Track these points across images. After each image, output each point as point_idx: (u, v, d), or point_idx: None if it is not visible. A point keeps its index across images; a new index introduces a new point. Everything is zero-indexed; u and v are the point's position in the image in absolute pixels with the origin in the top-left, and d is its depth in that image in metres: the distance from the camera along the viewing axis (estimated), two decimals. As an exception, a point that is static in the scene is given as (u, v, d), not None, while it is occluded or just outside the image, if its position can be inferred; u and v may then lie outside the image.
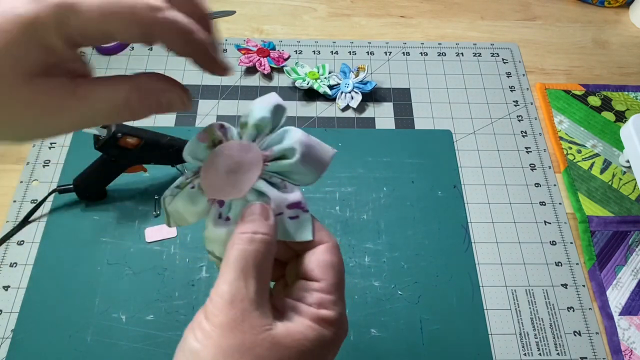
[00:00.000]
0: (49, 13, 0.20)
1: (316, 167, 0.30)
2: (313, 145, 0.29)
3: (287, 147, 0.28)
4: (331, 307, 0.25)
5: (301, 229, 0.28)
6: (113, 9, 0.21)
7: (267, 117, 0.30)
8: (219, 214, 0.28)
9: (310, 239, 0.27)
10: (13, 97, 0.21)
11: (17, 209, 0.57)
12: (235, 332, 0.22)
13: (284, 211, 0.28)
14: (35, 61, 0.21)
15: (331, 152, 0.30)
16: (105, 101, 0.23)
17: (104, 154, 0.52)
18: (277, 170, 0.28)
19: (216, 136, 0.30)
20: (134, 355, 0.48)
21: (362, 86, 0.66)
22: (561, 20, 0.79)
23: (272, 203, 0.27)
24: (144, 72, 0.25)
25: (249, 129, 0.29)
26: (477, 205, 0.59)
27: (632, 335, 0.52)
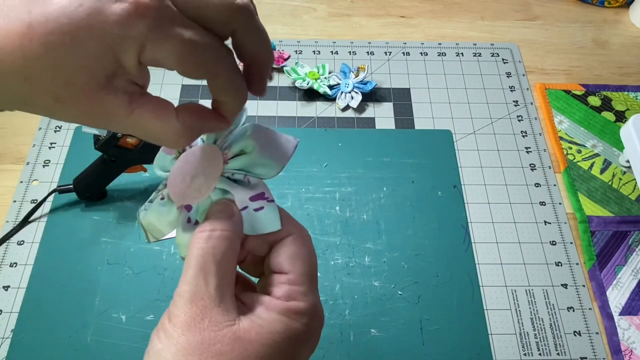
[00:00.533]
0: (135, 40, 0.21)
1: (276, 159, 0.29)
2: (270, 138, 0.29)
3: (244, 143, 0.28)
4: (301, 298, 0.25)
5: (268, 220, 0.28)
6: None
7: None
8: (187, 219, 0.28)
9: (279, 228, 0.27)
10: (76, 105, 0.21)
11: (17, 209, 0.57)
12: (196, 330, 0.22)
13: (248, 204, 0.28)
14: (106, 73, 0.21)
15: (293, 142, 0.30)
16: (153, 132, 0.24)
17: (104, 154, 0.52)
18: (238, 167, 0.28)
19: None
20: (134, 355, 0.48)
21: (362, 86, 0.66)
22: (561, 20, 0.79)
23: (234, 198, 0.27)
24: (192, 105, 0.26)
25: (210, 135, 0.30)
26: (477, 205, 0.59)
27: (632, 335, 0.52)
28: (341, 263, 0.55)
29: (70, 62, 0.20)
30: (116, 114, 0.22)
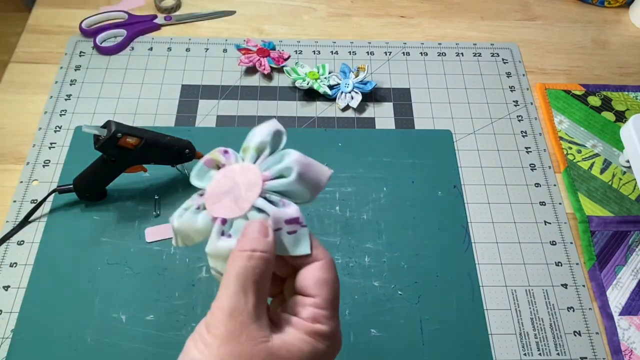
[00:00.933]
0: None
1: (312, 186, 0.31)
2: (310, 165, 0.31)
3: (284, 167, 0.30)
4: (325, 322, 0.26)
5: (299, 244, 0.29)
6: None
7: (267, 141, 0.32)
8: (221, 232, 0.29)
9: (308, 252, 0.29)
10: None
11: (17, 209, 0.57)
12: (234, 343, 0.23)
13: (283, 227, 0.29)
14: None
15: (328, 172, 0.32)
16: None
17: (104, 154, 0.52)
18: (276, 189, 0.30)
19: (220, 160, 0.32)
20: (134, 355, 0.48)
21: (362, 86, 0.66)
22: (561, 20, 0.79)
23: (270, 220, 0.29)
24: None
25: (250, 151, 0.32)
26: (477, 205, 0.59)
27: (632, 335, 0.52)
28: (341, 263, 0.55)
29: None
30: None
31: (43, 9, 0.76)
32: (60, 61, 0.70)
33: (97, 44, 0.70)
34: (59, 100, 0.66)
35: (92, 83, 0.68)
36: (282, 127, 0.33)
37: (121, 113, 0.65)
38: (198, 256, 0.54)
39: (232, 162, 0.32)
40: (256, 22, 0.76)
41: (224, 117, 0.65)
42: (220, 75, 0.69)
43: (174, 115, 0.65)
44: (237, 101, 0.67)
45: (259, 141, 0.32)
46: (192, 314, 0.51)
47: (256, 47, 0.70)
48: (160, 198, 0.58)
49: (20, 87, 0.67)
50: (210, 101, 0.67)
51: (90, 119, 0.64)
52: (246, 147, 0.32)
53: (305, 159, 0.31)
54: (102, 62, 0.70)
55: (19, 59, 0.70)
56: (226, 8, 0.77)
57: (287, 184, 0.30)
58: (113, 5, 0.77)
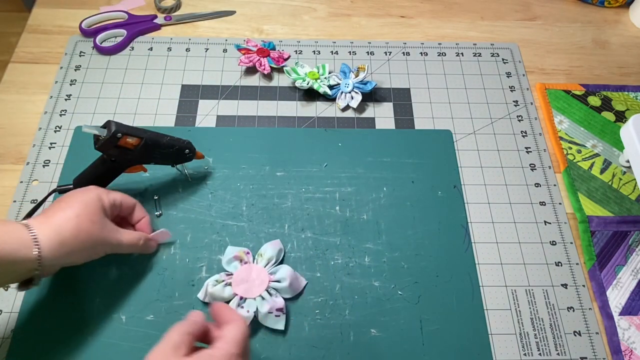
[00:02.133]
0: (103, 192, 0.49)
1: (294, 290, 0.52)
2: (296, 278, 0.52)
3: (281, 277, 0.51)
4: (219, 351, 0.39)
5: (278, 323, 0.50)
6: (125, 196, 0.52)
7: (274, 255, 0.53)
8: (238, 303, 0.50)
9: (282, 329, 0.50)
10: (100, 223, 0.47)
11: (17, 209, 0.57)
12: None
13: (273, 311, 0.50)
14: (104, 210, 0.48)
15: (304, 282, 0.53)
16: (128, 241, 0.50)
17: (104, 154, 0.52)
18: (274, 287, 0.51)
19: (243, 257, 0.53)
20: (134, 355, 0.48)
21: (362, 86, 0.66)
22: (561, 20, 0.79)
23: (267, 305, 0.49)
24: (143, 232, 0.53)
25: (263, 260, 0.52)
26: (477, 205, 0.59)
27: (632, 335, 0.52)
28: (341, 263, 0.55)
29: None
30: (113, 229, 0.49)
31: (43, 9, 0.76)
32: (60, 61, 0.70)
33: (97, 44, 0.70)
34: (59, 100, 0.66)
35: (92, 83, 0.68)
36: (282, 246, 0.55)
37: (121, 113, 0.65)
38: (198, 256, 0.54)
39: (250, 259, 0.53)
40: (256, 22, 0.76)
41: (224, 117, 0.65)
42: (220, 75, 0.69)
43: (174, 115, 0.65)
44: (237, 101, 0.67)
45: (270, 255, 0.53)
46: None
47: (256, 47, 0.70)
48: (160, 198, 0.58)
49: (20, 87, 0.67)
50: (210, 101, 0.67)
51: (90, 119, 0.64)
52: (261, 254, 0.53)
53: (294, 274, 0.52)
54: (102, 62, 0.70)
55: (19, 59, 0.70)
56: (226, 8, 0.78)
57: (280, 287, 0.51)
58: (113, 5, 0.77)
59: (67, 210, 0.45)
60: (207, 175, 0.60)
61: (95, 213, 0.46)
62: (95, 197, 0.47)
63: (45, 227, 0.43)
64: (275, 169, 0.61)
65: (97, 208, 0.47)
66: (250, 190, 0.59)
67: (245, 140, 0.63)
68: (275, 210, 0.58)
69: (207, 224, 0.56)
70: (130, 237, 0.50)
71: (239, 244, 0.55)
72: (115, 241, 0.48)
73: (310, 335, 0.50)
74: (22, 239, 0.42)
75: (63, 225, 0.44)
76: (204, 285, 0.51)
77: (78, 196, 0.47)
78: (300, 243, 0.56)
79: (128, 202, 0.51)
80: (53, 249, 0.43)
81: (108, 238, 0.47)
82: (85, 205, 0.46)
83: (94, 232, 0.46)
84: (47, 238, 0.43)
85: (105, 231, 0.47)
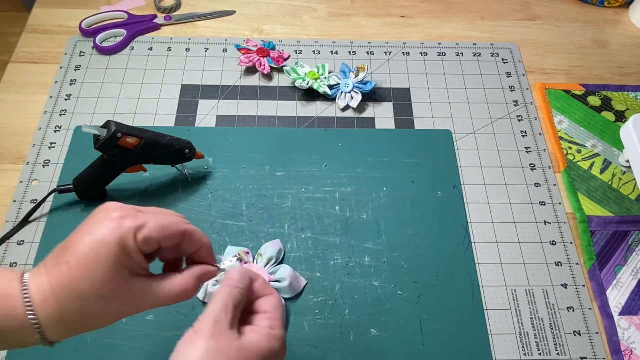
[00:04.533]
0: (129, 230, 0.33)
1: (294, 290, 0.52)
2: (296, 278, 0.52)
3: (281, 277, 0.51)
4: (277, 329, 0.36)
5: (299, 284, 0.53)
6: (166, 226, 0.34)
7: (274, 255, 0.53)
8: None
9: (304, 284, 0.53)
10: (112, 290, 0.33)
11: (17, 209, 0.57)
12: (216, 341, 0.33)
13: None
14: (125, 264, 0.33)
15: (304, 282, 0.53)
16: (169, 298, 0.35)
17: (104, 154, 0.52)
18: (275, 287, 0.49)
19: (243, 257, 0.53)
20: (134, 355, 0.48)
21: (362, 86, 0.66)
22: (561, 20, 0.79)
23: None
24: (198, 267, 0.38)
25: (263, 260, 0.53)
26: (477, 205, 0.59)
27: (632, 335, 0.52)
28: (341, 263, 0.55)
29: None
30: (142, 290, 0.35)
31: (43, 9, 0.76)
32: (60, 61, 0.70)
33: (97, 44, 0.70)
34: (59, 100, 0.66)
35: (92, 83, 0.68)
36: (282, 246, 0.54)
37: (121, 113, 0.65)
38: (198, 256, 0.54)
39: (250, 259, 0.53)
40: (256, 22, 0.76)
41: (224, 117, 0.65)
42: (220, 75, 0.69)
43: (174, 115, 0.65)
44: (237, 101, 0.67)
45: (270, 255, 0.53)
46: (192, 314, 0.51)
47: (256, 47, 0.70)
48: (160, 198, 0.58)
49: (20, 87, 0.67)
50: (210, 101, 0.67)
51: (90, 119, 0.64)
52: (261, 254, 0.53)
53: (294, 274, 0.52)
54: (102, 62, 0.70)
55: (19, 59, 0.70)
56: (226, 8, 0.78)
57: (281, 287, 0.51)
58: (113, 5, 0.77)
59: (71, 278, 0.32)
60: (207, 175, 0.60)
61: (108, 281, 0.32)
62: (113, 247, 0.32)
63: (48, 305, 0.32)
64: (275, 169, 0.61)
65: (113, 269, 0.32)
66: (250, 190, 0.59)
67: (245, 140, 0.63)
68: (275, 210, 0.58)
69: (207, 224, 0.56)
70: (171, 291, 0.35)
71: (239, 244, 0.55)
72: (148, 306, 0.35)
73: (310, 335, 0.50)
74: (20, 321, 0.32)
75: (68, 306, 0.32)
76: (204, 285, 0.51)
77: (88, 244, 0.32)
78: (300, 243, 0.56)
79: (170, 233, 0.34)
80: (59, 333, 0.33)
81: (133, 308, 0.34)
82: (94, 272, 0.32)
83: (108, 311, 0.33)
84: (50, 321, 0.32)
85: (129, 301, 0.34)
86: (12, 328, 0.32)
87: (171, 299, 0.35)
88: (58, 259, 0.33)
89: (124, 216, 0.33)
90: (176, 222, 0.35)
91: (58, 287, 0.32)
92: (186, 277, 0.36)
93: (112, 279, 0.32)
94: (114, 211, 0.33)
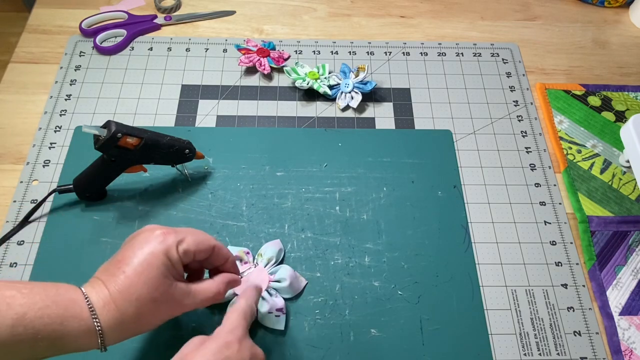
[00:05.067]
0: (172, 244, 0.40)
1: (294, 290, 0.52)
2: (296, 278, 0.52)
3: (281, 277, 0.51)
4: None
5: (278, 323, 0.50)
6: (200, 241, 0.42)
7: (274, 255, 0.53)
8: None
9: (282, 329, 0.50)
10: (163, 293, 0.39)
11: (17, 209, 0.57)
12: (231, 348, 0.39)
13: (273, 311, 0.50)
14: (171, 271, 0.40)
15: (304, 282, 0.53)
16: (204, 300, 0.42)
17: (104, 154, 0.52)
18: (274, 287, 0.51)
19: (243, 257, 0.53)
20: (134, 355, 0.48)
21: (362, 86, 0.66)
22: (561, 20, 0.79)
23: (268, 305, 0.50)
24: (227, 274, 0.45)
25: (264, 260, 0.53)
26: (477, 205, 0.59)
27: (632, 335, 0.52)
28: (341, 263, 0.55)
29: None
30: (183, 293, 0.41)
31: (43, 9, 0.76)
32: (60, 61, 0.70)
33: (97, 44, 0.70)
34: (59, 100, 0.66)
35: (92, 83, 0.68)
36: (282, 246, 0.55)
37: (121, 113, 0.65)
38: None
39: (250, 259, 0.53)
40: (256, 22, 0.76)
41: (224, 117, 0.65)
42: (220, 75, 0.69)
43: (174, 115, 0.65)
44: (237, 101, 0.67)
45: (270, 255, 0.53)
46: (192, 313, 0.51)
47: (256, 47, 0.70)
48: (160, 198, 0.58)
49: (20, 87, 0.67)
50: (210, 101, 0.67)
51: (90, 119, 0.64)
52: (261, 254, 0.53)
53: (294, 274, 0.52)
54: (102, 62, 0.70)
55: (19, 59, 0.70)
56: (226, 8, 0.78)
57: (281, 287, 0.51)
58: (113, 5, 0.77)
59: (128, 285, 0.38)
60: (207, 175, 0.60)
61: (159, 285, 0.39)
62: (161, 257, 0.39)
63: (109, 310, 0.38)
64: (275, 169, 0.61)
65: (162, 275, 0.39)
66: (250, 190, 0.59)
67: (245, 140, 0.63)
68: (275, 210, 0.58)
69: (207, 224, 0.56)
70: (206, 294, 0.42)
71: (239, 244, 0.55)
72: (187, 307, 0.42)
73: (310, 335, 0.50)
74: (85, 326, 0.37)
75: (127, 310, 0.38)
76: None
77: (141, 256, 0.39)
78: (300, 243, 0.56)
79: (203, 247, 0.42)
80: (116, 336, 0.39)
81: (176, 309, 0.41)
82: (148, 278, 0.38)
83: (157, 313, 0.40)
84: (110, 325, 0.38)
85: (174, 303, 0.40)
86: (78, 332, 0.36)
87: (206, 300, 0.42)
88: (113, 270, 0.39)
89: (167, 233, 0.41)
90: (208, 238, 0.43)
91: (117, 293, 0.38)
92: (218, 282, 0.43)
93: (161, 283, 0.39)
94: (157, 229, 0.41)
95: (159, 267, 0.39)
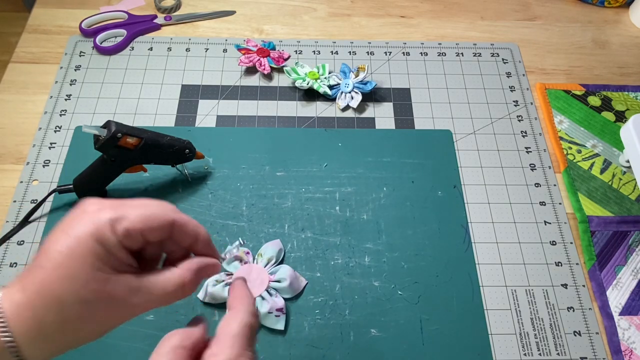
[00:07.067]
0: (105, 223, 0.29)
1: (294, 290, 0.52)
2: (296, 278, 0.52)
3: (281, 277, 0.51)
4: None
5: (278, 323, 0.50)
6: (149, 216, 0.30)
7: (274, 255, 0.53)
8: None
9: (282, 329, 0.50)
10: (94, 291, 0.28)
11: (17, 209, 0.57)
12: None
13: (273, 311, 0.50)
14: (105, 261, 0.28)
15: (304, 282, 0.53)
16: (164, 291, 0.31)
17: (104, 154, 0.52)
18: (274, 287, 0.51)
19: (243, 257, 0.53)
20: (134, 355, 0.48)
21: (362, 86, 0.66)
22: (561, 20, 0.79)
23: (268, 305, 0.49)
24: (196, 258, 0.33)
25: (263, 260, 0.53)
26: (477, 205, 0.59)
27: (632, 335, 0.52)
28: (341, 263, 0.55)
29: None
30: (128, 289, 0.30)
31: (43, 9, 0.76)
32: (60, 61, 0.70)
33: (97, 44, 0.70)
34: (59, 100, 0.66)
35: (92, 83, 0.68)
36: (282, 246, 0.54)
37: (121, 113, 0.65)
38: (198, 256, 0.54)
39: (250, 259, 0.53)
40: (256, 22, 0.76)
41: (224, 117, 0.65)
42: (220, 75, 0.69)
43: (174, 115, 0.65)
44: (237, 101, 0.67)
45: (270, 255, 0.53)
46: (192, 314, 0.51)
47: (256, 47, 0.70)
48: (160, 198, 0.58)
49: (20, 87, 0.67)
50: (210, 101, 0.67)
51: (90, 119, 0.64)
52: (261, 254, 0.53)
53: (294, 274, 0.52)
54: (102, 62, 0.70)
55: (19, 59, 0.70)
56: (226, 8, 0.78)
57: (281, 287, 0.51)
58: (113, 5, 0.77)
59: (45, 282, 0.28)
60: (207, 175, 0.60)
61: (88, 281, 0.28)
62: (89, 243, 0.28)
63: (24, 319, 0.28)
64: (275, 169, 0.61)
65: (91, 267, 0.28)
66: (250, 190, 0.59)
67: (245, 140, 0.63)
68: (275, 210, 0.58)
69: (207, 224, 0.56)
70: (165, 288, 0.31)
71: (239, 244, 0.55)
72: (140, 308, 0.31)
73: (310, 335, 0.50)
74: None
75: (46, 316, 0.28)
76: (204, 285, 0.51)
77: (62, 243, 0.28)
78: (300, 243, 0.56)
79: (155, 223, 0.30)
80: (38, 352, 0.28)
81: (122, 311, 0.30)
82: (70, 273, 0.28)
83: (92, 318, 0.29)
84: (27, 338, 0.28)
85: (116, 303, 0.29)
86: None
87: (166, 296, 0.31)
88: (31, 265, 0.29)
89: (101, 209, 0.29)
90: (162, 211, 0.31)
91: (34, 295, 0.27)
92: (183, 270, 0.31)
93: (92, 279, 0.28)
94: (91, 205, 0.29)
95: (85, 256, 0.28)
